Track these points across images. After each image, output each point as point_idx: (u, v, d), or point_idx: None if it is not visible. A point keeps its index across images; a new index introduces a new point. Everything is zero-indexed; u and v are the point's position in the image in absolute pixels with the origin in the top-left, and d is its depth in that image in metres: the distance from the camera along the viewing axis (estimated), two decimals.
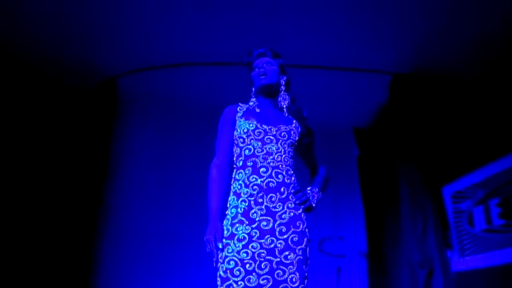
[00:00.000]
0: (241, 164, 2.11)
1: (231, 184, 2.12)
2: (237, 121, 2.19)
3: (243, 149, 2.12)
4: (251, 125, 2.14)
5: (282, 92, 2.29)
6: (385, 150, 5.29)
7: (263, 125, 2.15)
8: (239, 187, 2.08)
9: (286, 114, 2.26)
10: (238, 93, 2.40)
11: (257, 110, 2.24)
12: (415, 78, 4.69)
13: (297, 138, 2.19)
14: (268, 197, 2.04)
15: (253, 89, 2.31)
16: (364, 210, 5.67)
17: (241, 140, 2.14)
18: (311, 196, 2.17)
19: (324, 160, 6.21)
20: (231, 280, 1.92)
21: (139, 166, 5.34)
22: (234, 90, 2.37)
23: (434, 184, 4.53)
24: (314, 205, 2.16)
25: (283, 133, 2.15)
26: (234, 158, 2.16)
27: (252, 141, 2.12)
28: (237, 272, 1.93)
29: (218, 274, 1.97)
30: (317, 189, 2.23)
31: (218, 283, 1.96)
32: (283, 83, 2.30)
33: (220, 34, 4.27)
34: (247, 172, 2.07)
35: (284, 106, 2.27)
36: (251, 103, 2.29)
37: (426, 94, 4.67)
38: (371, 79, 4.80)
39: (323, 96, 5.11)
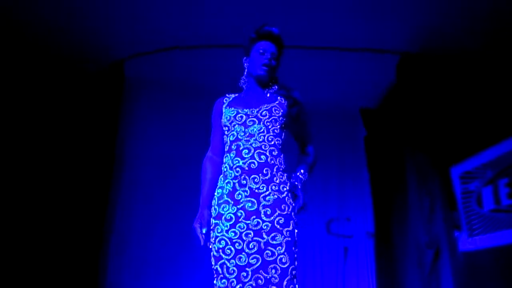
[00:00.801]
0: (227, 149, 2.16)
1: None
2: (223, 113, 2.22)
3: (229, 136, 2.16)
4: (232, 112, 2.16)
5: (272, 84, 2.28)
6: (392, 131, 5.26)
7: (244, 109, 2.16)
8: (225, 169, 2.12)
9: (269, 95, 2.24)
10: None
11: (241, 98, 2.25)
12: (423, 57, 4.63)
13: (280, 113, 2.16)
14: (251, 178, 2.05)
15: (247, 67, 2.28)
16: (371, 190, 5.67)
17: (226, 128, 2.18)
18: (297, 186, 2.10)
19: (331, 141, 6.22)
20: (224, 259, 1.97)
21: (146, 154, 5.34)
22: (241, 72, 2.34)
23: (442, 164, 4.51)
24: (302, 199, 2.07)
25: (263, 112, 2.14)
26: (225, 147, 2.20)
27: (235, 126, 2.14)
28: (228, 251, 1.97)
29: (211, 254, 2.03)
30: (302, 175, 2.14)
31: (212, 262, 2.02)
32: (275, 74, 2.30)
33: (228, 16, 4.22)
34: (232, 155, 2.10)
35: (270, 92, 2.26)
36: (242, 81, 2.29)
37: (435, 73, 4.62)
38: (379, 58, 4.74)
39: (330, 76, 5.07)
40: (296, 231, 2.03)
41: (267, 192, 2.03)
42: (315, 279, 5.47)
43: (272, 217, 2.00)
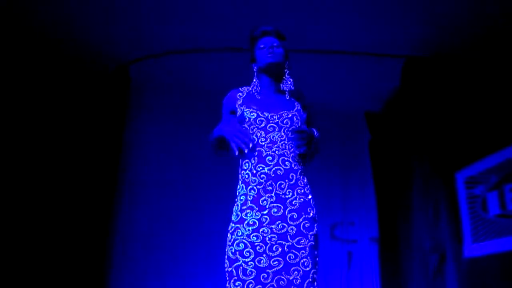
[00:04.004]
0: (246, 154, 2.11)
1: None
2: (237, 110, 2.19)
3: None
4: (252, 114, 2.13)
5: (286, 75, 2.25)
6: (397, 135, 5.24)
7: (265, 113, 2.13)
8: (247, 176, 2.08)
9: (288, 97, 2.23)
10: (250, 78, 2.37)
11: (258, 97, 2.22)
12: (428, 61, 4.63)
13: (300, 122, 2.16)
14: (278, 184, 2.04)
15: (256, 67, 2.28)
16: (376, 195, 5.64)
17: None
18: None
19: (336, 145, 6.19)
20: (241, 261, 1.95)
21: (151, 156, 5.35)
22: (246, 75, 2.35)
23: (447, 169, 4.49)
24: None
25: (285, 120, 2.13)
26: None
27: (254, 130, 2.11)
28: (247, 253, 1.95)
29: (226, 257, 2.00)
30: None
31: (226, 265, 1.99)
32: (287, 66, 2.27)
33: (233, 19, 4.23)
34: (253, 161, 2.07)
35: (287, 89, 2.24)
36: (253, 84, 2.26)
37: (439, 78, 4.61)
38: (384, 62, 4.74)
39: (334, 79, 5.07)
40: (317, 234, 2.05)
41: (293, 197, 2.04)
42: (318, 284, 5.44)
43: (298, 221, 2.01)
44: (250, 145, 1.99)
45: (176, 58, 4.87)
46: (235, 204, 2.09)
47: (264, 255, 1.95)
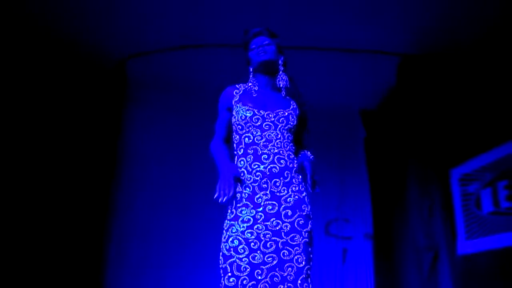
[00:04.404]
0: (242, 152, 2.13)
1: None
2: (234, 107, 2.20)
3: (243, 136, 2.14)
4: (248, 111, 2.14)
5: (281, 71, 2.27)
6: (392, 132, 5.27)
7: (261, 111, 2.15)
8: (241, 174, 2.09)
9: (284, 95, 2.25)
10: (247, 75, 2.38)
11: (254, 95, 2.23)
12: (423, 59, 4.65)
13: (295, 122, 2.18)
14: (272, 182, 2.06)
15: (251, 68, 2.30)
16: (371, 192, 5.67)
17: (240, 127, 2.15)
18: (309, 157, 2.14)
19: (331, 142, 6.21)
20: (235, 257, 1.97)
21: (148, 154, 5.35)
22: (244, 71, 2.36)
23: (441, 166, 4.51)
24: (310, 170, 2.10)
25: (281, 119, 2.15)
26: (234, 145, 2.18)
27: (250, 128, 2.13)
28: (241, 250, 1.97)
29: (220, 253, 2.02)
30: (308, 153, 2.19)
31: (221, 261, 2.00)
32: (281, 62, 2.28)
33: (231, 15, 4.23)
34: (249, 159, 2.09)
35: (283, 86, 2.25)
36: (250, 81, 2.28)
37: (434, 76, 4.63)
38: (379, 60, 4.76)
39: (330, 77, 5.08)
40: (312, 231, 2.07)
41: (288, 194, 2.06)
42: (313, 281, 5.46)
43: (292, 218, 2.03)
44: (224, 199, 1.95)
45: (173, 55, 4.86)
46: (230, 202, 2.10)
47: (258, 252, 1.97)
